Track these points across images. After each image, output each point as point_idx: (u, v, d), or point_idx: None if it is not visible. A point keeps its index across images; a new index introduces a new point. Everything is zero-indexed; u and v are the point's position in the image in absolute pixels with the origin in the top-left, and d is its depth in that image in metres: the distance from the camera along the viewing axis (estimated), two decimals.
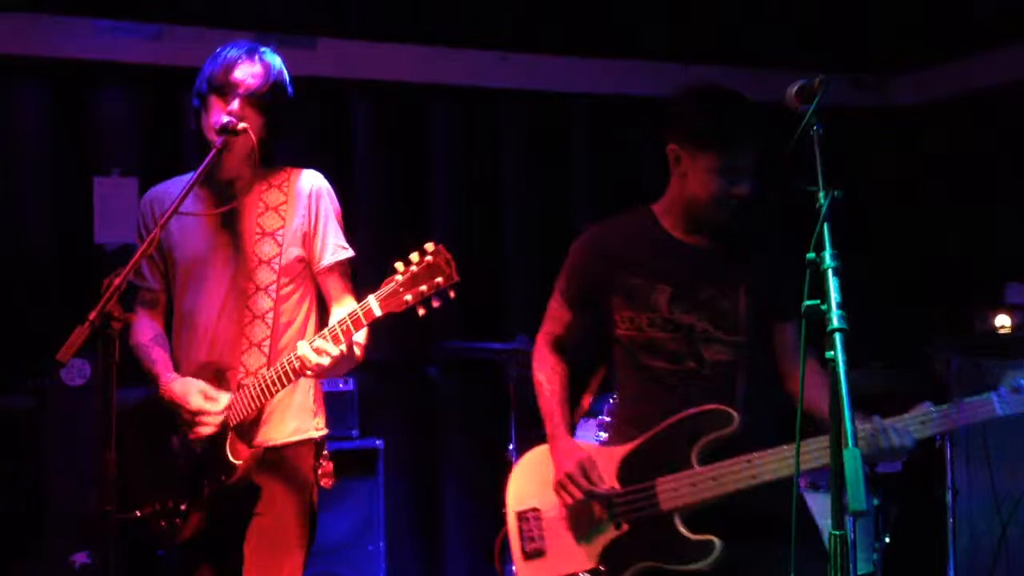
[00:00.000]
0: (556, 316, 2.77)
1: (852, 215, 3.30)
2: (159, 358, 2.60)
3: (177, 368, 2.59)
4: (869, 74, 5.26)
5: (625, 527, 2.47)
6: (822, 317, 1.78)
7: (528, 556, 2.60)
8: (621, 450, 2.53)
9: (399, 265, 2.23)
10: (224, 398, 2.45)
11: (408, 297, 2.20)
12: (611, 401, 3.93)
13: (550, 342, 2.78)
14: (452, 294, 2.22)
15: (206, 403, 2.44)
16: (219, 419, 2.44)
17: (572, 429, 2.79)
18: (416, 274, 2.20)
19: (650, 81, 4.96)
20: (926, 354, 4.23)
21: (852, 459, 1.63)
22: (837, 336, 1.74)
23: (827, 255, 1.81)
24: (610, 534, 2.49)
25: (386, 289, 2.23)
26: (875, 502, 3.83)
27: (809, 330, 1.83)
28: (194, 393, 2.45)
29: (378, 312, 2.24)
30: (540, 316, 4.44)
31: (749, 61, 4.93)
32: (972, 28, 4.86)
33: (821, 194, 1.89)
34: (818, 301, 1.80)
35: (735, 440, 2.38)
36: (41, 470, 3.71)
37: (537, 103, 4.89)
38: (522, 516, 2.65)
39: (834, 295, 1.78)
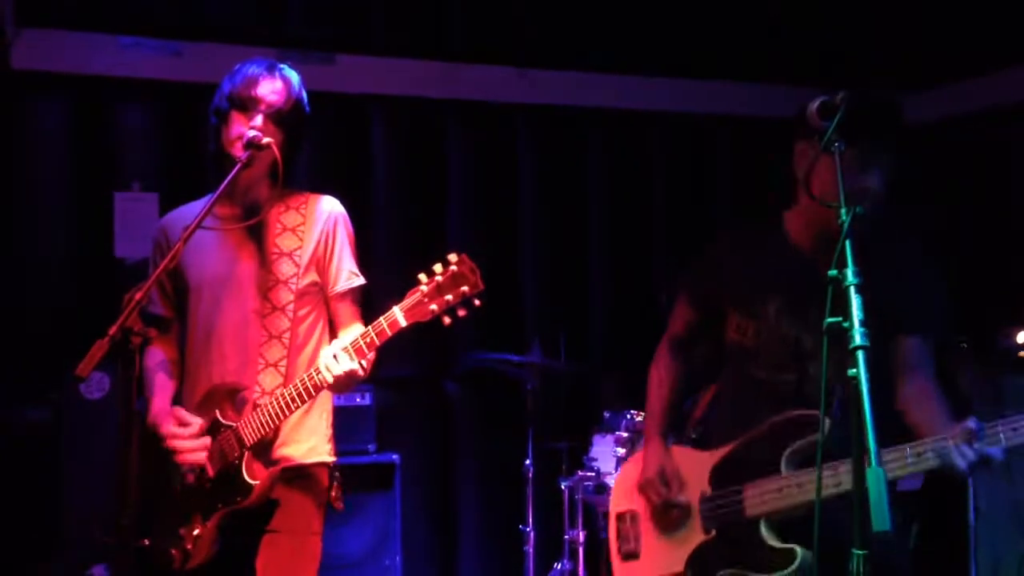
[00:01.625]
0: (679, 315, 2.75)
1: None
2: (158, 385, 2.60)
3: (193, 387, 2.58)
4: (892, 89, 5.24)
5: (713, 532, 2.47)
6: (844, 334, 1.77)
7: (624, 557, 2.64)
8: (715, 455, 2.52)
9: (422, 276, 2.24)
10: (197, 422, 2.45)
11: (434, 307, 2.21)
12: (628, 417, 3.92)
13: (670, 342, 2.77)
14: (478, 302, 2.22)
15: (177, 427, 2.44)
16: (195, 444, 2.43)
17: (678, 431, 2.73)
18: (441, 284, 2.21)
19: (666, 96, 4.98)
20: (949, 370, 4.19)
21: (876, 478, 1.62)
22: (860, 354, 1.73)
23: (849, 272, 1.80)
24: (698, 538, 2.49)
25: (411, 300, 2.24)
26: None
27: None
28: (166, 418, 2.47)
29: (403, 322, 2.24)
30: (556, 329, 4.51)
31: (768, 77, 4.93)
32: (991, 46, 4.84)
33: (843, 211, 1.88)
34: (840, 319, 1.79)
35: (828, 449, 2.25)
36: (59, 482, 3.72)
37: (554, 118, 4.90)
38: (621, 517, 2.69)
39: (856, 312, 1.77)
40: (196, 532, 2.47)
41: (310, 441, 2.58)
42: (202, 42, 4.23)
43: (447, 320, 2.23)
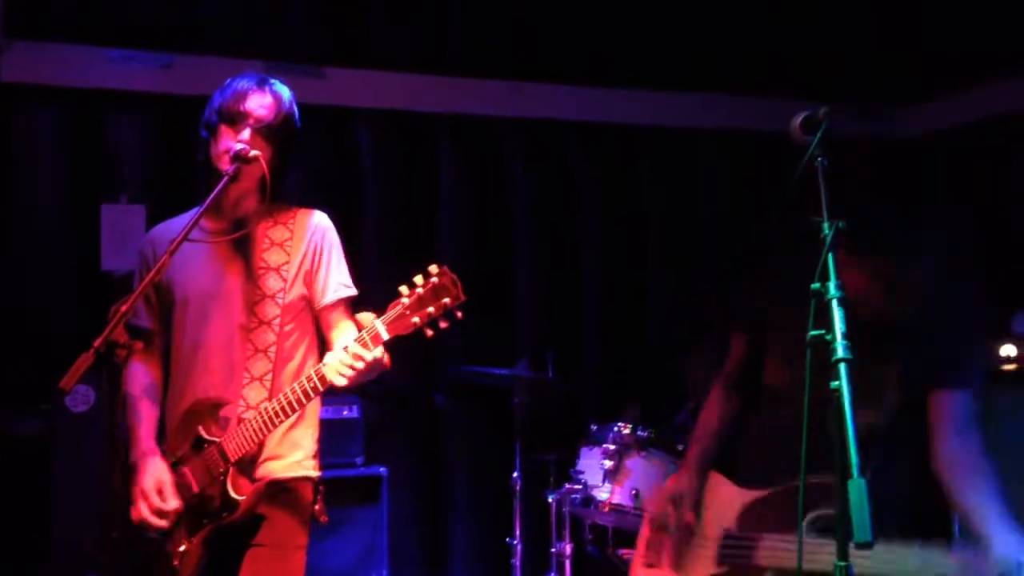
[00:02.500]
0: (734, 352, 2.69)
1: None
2: (142, 416, 2.58)
3: (177, 400, 2.57)
4: (877, 104, 5.27)
5: (724, 568, 2.46)
6: (827, 348, 1.78)
7: (646, 565, 2.63)
8: (749, 495, 2.50)
9: (403, 288, 2.24)
10: (173, 504, 2.42)
11: (416, 319, 2.21)
12: (615, 430, 3.92)
13: (724, 380, 2.71)
14: (459, 314, 2.23)
15: (154, 495, 2.42)
16: (156, 522, 2.42)
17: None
18: (422, 296, 2.22)
19: (656, 111, 5.01)
20: None
21: (857, 489, 1.63)
22: (842, 366, 1.74)
23: (831, 285, 1.82)
24: (711, 569, 2.48)
25: (392, 312, 2.24)
26: None
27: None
28: (148, 475, 2.45)
29: (385, 335, 2.25)
30: (546, 343, 4.52)
31: (761, 91, 4.97)
32: (978, 58, 4.89)
33: (825, 225, 1.90)
34: (823, 331, 1.80)
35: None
36: (47, 495, 3.71)
37: (546, 132, 4.92)
38: (653, 528, 2.68)
39: (839, 325, 1.78)
40: (183, 548, 2.46)
41: (295, 455, 2.58)
42: (192, 54, 4.24)
43: (429, 332, 2.23)
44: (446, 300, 2.21)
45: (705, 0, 5.01)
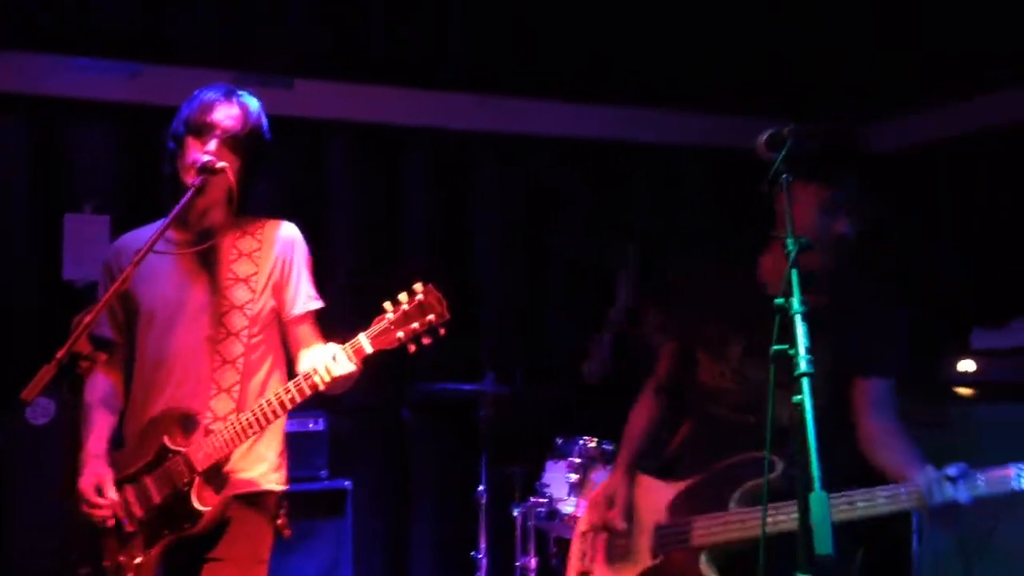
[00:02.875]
0: (666, 356, 2.79)
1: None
2: (96, 425, 2.58)
3: (139, 412, 2.55)
4: (847, 121, 5.36)
5: (660, 558, 2.53)
6: (791, 361, 1.81)
7: (579, 574, 2.70)
8: (676, 487, 2.58)
9: (388, 305, 2.29)
10: (112, 497, 2.44)
11: (400, 334, 2.27)
12: (580, 443, 3.94)
13: (653, 385, 2.81)
14: (442, 331, 2.29)
15: (90, 493, 2.45)
16: (101, 513, 2.43)
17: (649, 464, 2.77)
18: (408, 312, 2.27)
19: (625, 126, 5.05)
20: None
21: (819, 503, 1.65)
22: (804, 380, 1.77)
23: (795, 301, 1.85)
24: (645, 563, 2.56)
25: (377, 327, 2.29)
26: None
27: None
28: (89, 478, 2.47)
29: (369, 349, 2.30)
30: (511, 356, 4.52)
31: (733, 108, 5.02)
32: (946, 78, 4.99)
33: (789, 241, 1.93)
34: (787, 346, 1.83)
35: (779, 490, 2.29)
36: (5, 509, 3.65)
37: (513, 146, 4.94)
38: (584, 535, 2.75)
39: (802, 340, 1.81)
40: (138, 560, 2.44)
41: (260, 468, 2.57)
42: (160, 64, 4.22)
43: (412, 348, 2.29)
44: (431, 317, 2.27)
45: (678, 17, 5.06)
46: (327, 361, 2.32)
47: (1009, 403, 4.09)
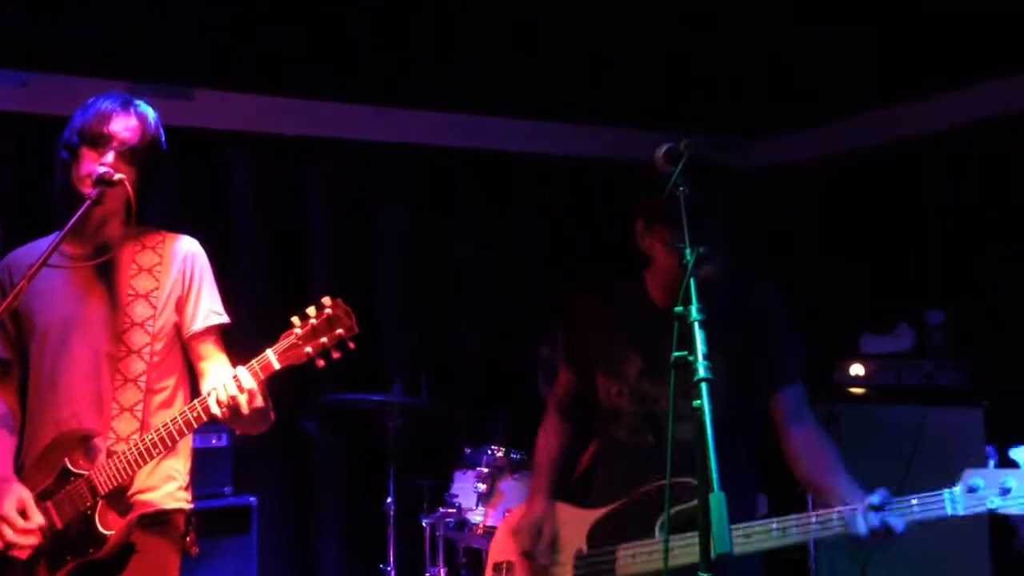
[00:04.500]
0: (560, 378, 2.80)
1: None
2: None
3: (36, 433, 2.46)
4: (735, 137, 5.55)
5: None
6: (690, 368, 1.87)
7: None
8: (594, 514, 2.55)
9: (296, 319, 2.25)
10: (39, 522, 2.33)
11: (308, 349, 2.22)
12: (488, 453, 3.97)
13: (555, 404, 2.81)
14: (352, 345, 2.25)
15: (16, 517, 2.33)
16: (26, 540, 2.32)
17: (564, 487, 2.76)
18: (316, 327, 2.23)
19: (529, 138, 5.12)
20: None
21: (717, 503, 1.71)
22: (703, 386, 1.82)
23: (693, 309, 1.91)
24: None
25: (285, 342, 2.24)
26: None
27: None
28: (7, 497, 2.34)
29: (277, 365, 2.24)
30: (417, 368, 4.52)
31: (631, 122, 5.16)
32: (828, 97, 5.21)
33: (687, 251, 1.99)
34: (686, 353, 1.89)
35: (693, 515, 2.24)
36: None
37: (415, 157, 4.95)
38: (497, 567, 2.71)
39: (700, 347, 1.87)
40: None
41: (167, 487, 2.51)
42: (52, 73, 4.10)
43: (321, 363, 2.24)
44: (340, 331, 2.23)
45: (576, 32, 5.16)
46: (227, 381, 2.26)
47: (895, 405, 4.28)
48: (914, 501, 2.14)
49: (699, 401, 1.81)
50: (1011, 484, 2.05)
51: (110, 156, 2.39)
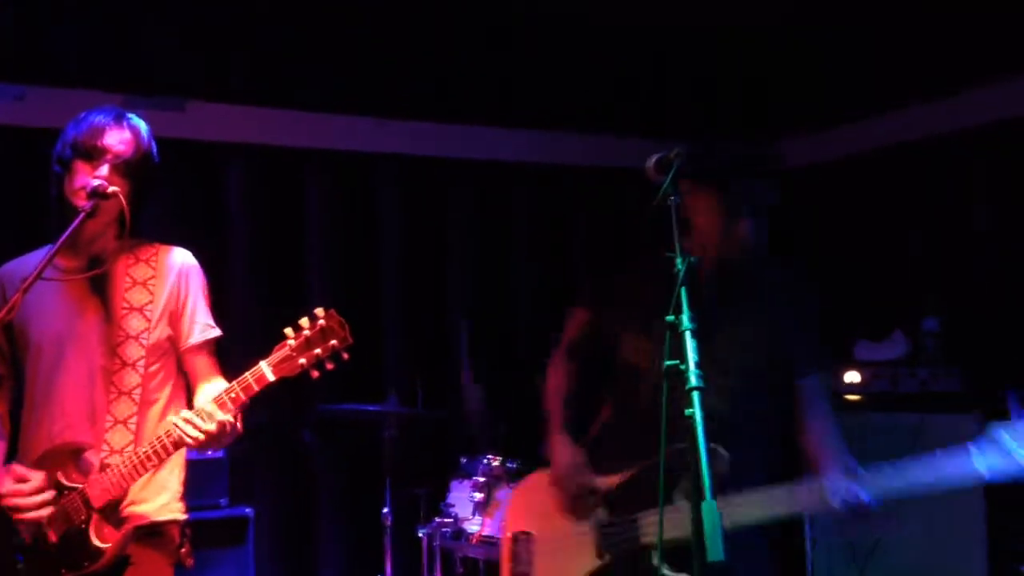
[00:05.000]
0: (575, 324, 2.80)
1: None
2: None
3: (30, 447, 2.46)
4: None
5: (607, 558, 2.50)
6: (681, 376, 1.87)
7: None
8: (611, 481, 2.55)
9: (289, 331, 2.26)
10: (37, 476, 2.35)
11: (302, 361, 2.23)
12: (484, 462, 3.96)
13: (565, 347, 2.82)
14: (346, 356, 2.26)
15: (15, 484, 2.34)
16: (36, 500, 2.33)
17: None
18: (309, 338, 2.24)
19: (523, 148, 5.13)
20: None
21: (709, 511, 1.72)
22: (695, 394, 1.83)
23: (684, 318, 1.92)
24: (592, 564, 2.52)
25: (279, 354, 2.25)
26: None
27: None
28: (6, 478, 2.36)
29: (271, 377, 2.25)
30: (413, 379, 4.52)
31: (626, 130, 5.16)
32: (823, 103, 5.22)
33: (678, 260, 2.00)
34: (678, 361, 1.89)
35: (723, 482, 2.30)
36: None
37: (412, 168, 4.96)
38: (515, 538, 2.70)
39: (691, 356, 1.88)
40: None
41: (161, 498, 2.52)
42: (47, 86, 4.10)
43: (315, 374, 2.25)
44: (334, 342, 2.24)
45: (583, 42, 5.18)
46: (178, 421, 2.27)
47: (891, 412, 4.28)
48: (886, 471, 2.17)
49: (691, 410, 1.82)
50: None
51: (104, 169, 2.40)
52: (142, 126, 2.51)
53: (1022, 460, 2.07)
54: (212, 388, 2.39)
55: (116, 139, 2.43)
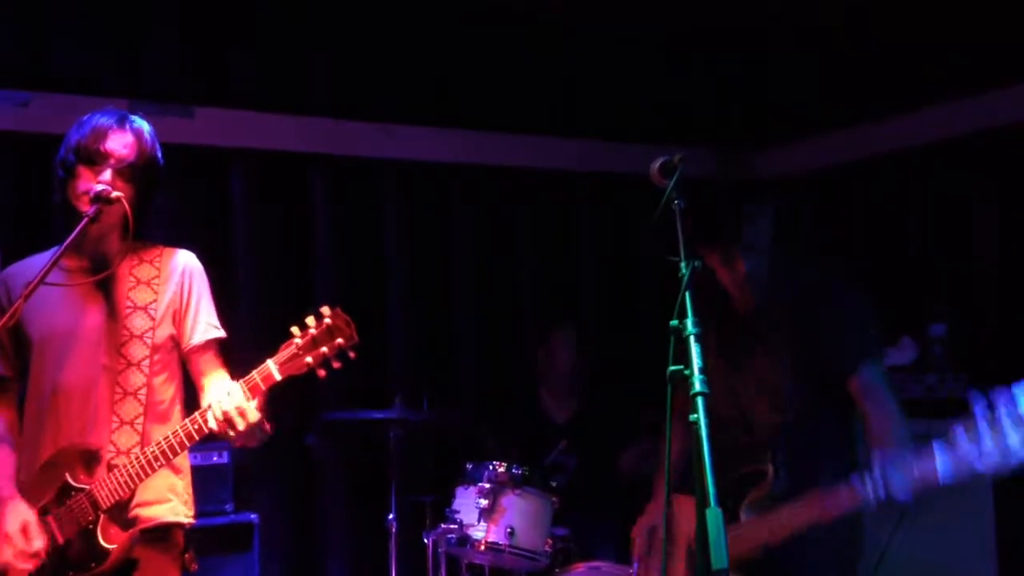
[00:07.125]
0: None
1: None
2: (0, 464, 2.48)
3: (35, 449, 2.46)
4: (732, 149, 5.55)
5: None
6: (686, 382, 1.86)
7: None
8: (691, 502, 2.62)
9: (295, 329, 2.24)
10: (41, 543, 2.33)
11: (309, 359, 2.22)
12: (490, 468, 3.95)
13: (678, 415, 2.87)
14: (352, 355, 2.25)
15: (19, 536, 2.33)
16: (27, 564, 2.31)
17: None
18: (316, 336, 2.22)
19: (530, 154, 5.13)
20: None
21: (715, 518, 1.70)
22: (699, 400, 1.82)
23: (689, 323, 1.90)
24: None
25: (286, 352, 2.24)
26: None
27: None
28: (14, 521, 2.34)
29: (278, 376, 2.24)
30: (420, 382, 4.51)
31: (632, 137, 5.16)
32: (822, 109, 5.22)
33: (683, 264, 1.99)
34: (682, 367, 1.88)
35: (777, 500, 2.41)
36: None
37: (418, 173, 4.96)
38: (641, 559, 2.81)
39: (696, 361, 1.86)
40: None
41: (169, 501, 2.51)
42: (51, 92, 4.11)
43: (322, 373, 2.24)
44: (340, 341, 2.22)
45: (575, 49, 5.18)
46: (222, 396, 2.26)
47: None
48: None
49: (695, 415, 1.81)
50: None
51: (107, 174, 2.40)
52: (145, 128, 2.51)
53: (977, 464, 2.10)
54: (220, 387, 2.38)
55: (119, 143, 2.43)
